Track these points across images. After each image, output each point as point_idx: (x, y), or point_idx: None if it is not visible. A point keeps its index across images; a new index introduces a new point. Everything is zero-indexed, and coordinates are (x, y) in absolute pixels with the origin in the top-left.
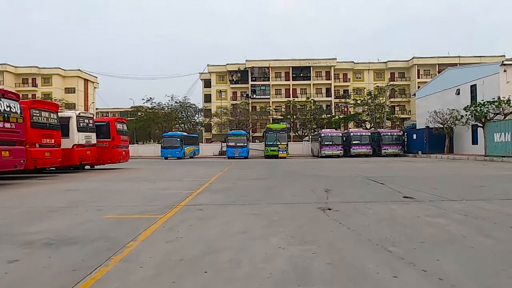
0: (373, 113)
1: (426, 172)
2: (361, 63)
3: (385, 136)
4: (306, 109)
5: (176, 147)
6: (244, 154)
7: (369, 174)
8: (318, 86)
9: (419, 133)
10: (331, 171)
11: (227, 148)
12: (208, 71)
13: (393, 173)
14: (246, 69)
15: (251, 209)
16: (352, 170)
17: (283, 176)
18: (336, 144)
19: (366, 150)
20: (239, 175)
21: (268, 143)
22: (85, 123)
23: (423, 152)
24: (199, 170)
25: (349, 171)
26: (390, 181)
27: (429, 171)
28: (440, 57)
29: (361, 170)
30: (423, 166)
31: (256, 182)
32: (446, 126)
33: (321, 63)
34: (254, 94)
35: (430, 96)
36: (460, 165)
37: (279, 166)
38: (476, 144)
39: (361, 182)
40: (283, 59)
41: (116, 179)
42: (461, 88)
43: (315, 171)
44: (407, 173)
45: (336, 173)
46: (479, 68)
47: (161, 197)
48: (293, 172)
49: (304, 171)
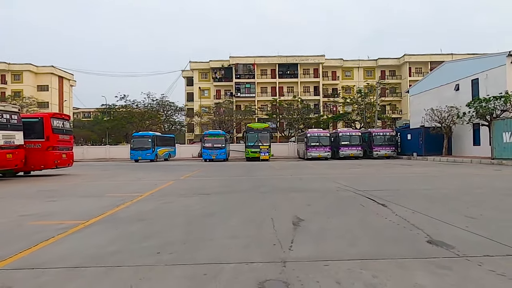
0: (363, 113)
1: (436, 182)
2: (351, 60)
3: (376, 137)
4: (293, 108)
5: (147, 148)
6: (222, 157)
7: (361, 184)
8: (305, 84)
9: (414, 133)
10: (313, 179)
11: (203, 150)
12: (190, 68)
13: (393, 184)
14: (230, 66)
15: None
16: (340, 177)
17: (249, 189)
18: (323, 145)
19: (356, 152)
20: (190, 187)
21: (248, 144)
22: (4, 119)
23: (419, 154)
24: (150, 178)
25: (336, 179)
26: (394, 199)
27: (438, 180)
28: (433, 54)
29: (352, 178)
30: (424, 171)
31: (199, 201)
32: (444, 125)
33: (309, 60)
34: (238, 92)
35: (425, 92)
36: (469, 170)
37: (254, 171)
38: (478, 145)
39: (351, 202)
40: (269, 56)
41: (10, 194)
42: (461, 83)
43: (293, 180)
44: (412, 183)
45: (319, 184)
46: (482, 61)
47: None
48: (266, 182)
49: (280, 179)
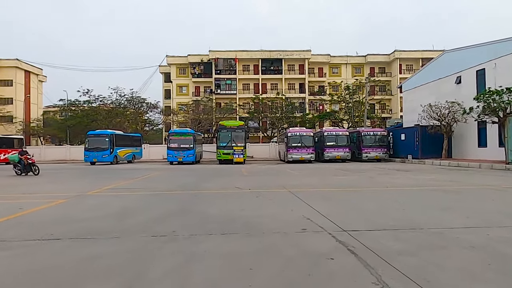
0: (352, 111)
1: (473, 207)
2: (338, 56)
3: (366, 137)
4: (277, 106)
5: (104, 149)
6: (190, 159)
7: (350, 214)
8: (290, 81)
9: (409, 132)
10: (276, 198)
11: (167, 151)
12: (167, 63)
13: (404, 213)
14: (209, 61)
15: None
16: (317, 194)
17: (146, 227)
18: (306, 146)
19: (343, 154)
20: (54, 219)
21: (220, 145)
22: None
23: (414, 156)
24: (44, 191)
25: (310, 199)
26: (433, 275)
27: (471, 202)
28: (424, 50)
29: (334, 198)
30: (433, 181)
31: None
32: (444, 123)
33: (294, 55)
34: (218, 89)
35: (420, 87)
36: (491, 180)
37: (210, 180)
38: (484, 146)
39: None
40: (251, 50)
41: None
42: (463, 75)
43: (244, 200)
44: (434, 209)
45: (278, 210)
46: (489, 48)
47: None
48: (200, 203)
49: (225, 198)
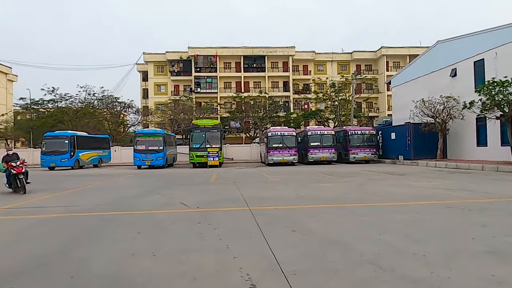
0: (338, 110)
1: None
2: (324, 53)
3: (353, 136)
4: (259, 105)
5: (63, 152)
6: (159, 162)
7: (326, 269)
8: (274, 79)
9: (400, 131)
10: (223, 232)
11: (134, 154)
12: (144, 60)
13: (423, 271)
14: (189, 58)
15: None
16: (286, 219)
17: None
18: (288, 147)
19: (329, 155)
20: None
21: (193, 146)
22: None
23: (406, 157)
24: None
25: (269, 237)
26: None
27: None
28: (411, 47)
29: (307, 228)
30: (434, 187)
31: None
32: (438, 120)
33: (277, 52)
34: (198, 88)
35: (412, 82)
36: (509, 187)
37: (151, 195)
38: (484, 145)
39: None
40: (233, 47)
41: None
42: (459, 67)
43: (173, 235)
44: (470, 253)
45: (212, 264)
46: (488, 36)
47: None
48: (90, 246)
49: (147, 232)
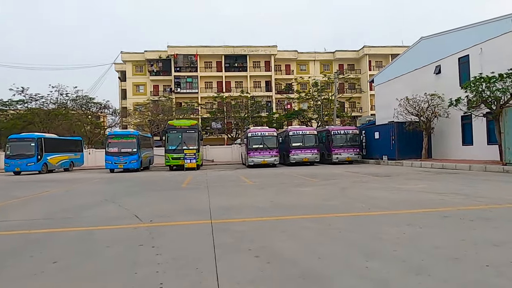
0: (320, 109)
1: None
2: (306, 53)
3: (336, 136)
4: (241, 105)
5: (30, 155)
6: (133, 165)
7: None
8: (256, 79)
9: (384, 130)
10: (167, 255)
11: (105, 156)
12: (122, 60)
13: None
14: (168, 57)
15: None
16: (251, 237)
17: None
18: (269, 147)
19: (312, 156)
20: None
21: (169, 148)
22: None
23: (390, 157)
24: None
25: (223, 272)
26: None
27: None
28: (394, 46)
29: (274, 251)
30: (422, 190)
31: None
32: (423, 119)
33: (259, 51)
34: (178, 88)
35: (395, 80)
36: (507, 190)
37: (107, 204)
38: (469, 143)
39: None
40: (213, 46)
41: None
42: (443, 63)
43: (89, 270)
44: None
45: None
46: (473, 31)
47: None
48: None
49: (51, 270)
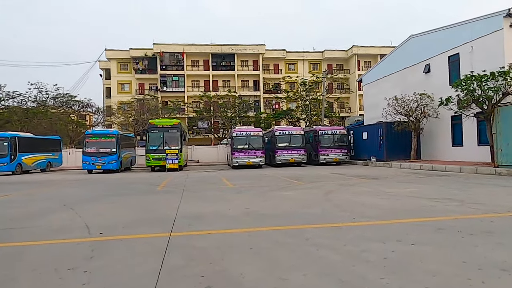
0: (309, 109)
1: None
2: (295, 52)
3: (324, 136)
4: (228, 104)
5: (2, 156)
6: (112, 166)
7: None
8: (244, 78)
9: (372, 131)
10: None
11: (83, 156)
12: (106, 57)
13: None
14: (154, 55)
15: None
16: (211, 254)
17: None
18: (254, 148)
19: (298, 156)
20: None
21: (150, 148)
22: None
23: (379, 158)
24: None
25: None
26: None
27: None
28: (383, 46)
29: (231, 280)
30: (412, 195)
31: None
32: (412, 119)
33: (247, 50)
34: (164, 86)
35: (384, 79)
36: (504, 195)
37: (59, 212)
38: (459, 144)
39: None
40: (200, 44)
41: None
42: (432, 62)
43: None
44: None
45: None
46: (463, 29)
47: None
48: None
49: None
